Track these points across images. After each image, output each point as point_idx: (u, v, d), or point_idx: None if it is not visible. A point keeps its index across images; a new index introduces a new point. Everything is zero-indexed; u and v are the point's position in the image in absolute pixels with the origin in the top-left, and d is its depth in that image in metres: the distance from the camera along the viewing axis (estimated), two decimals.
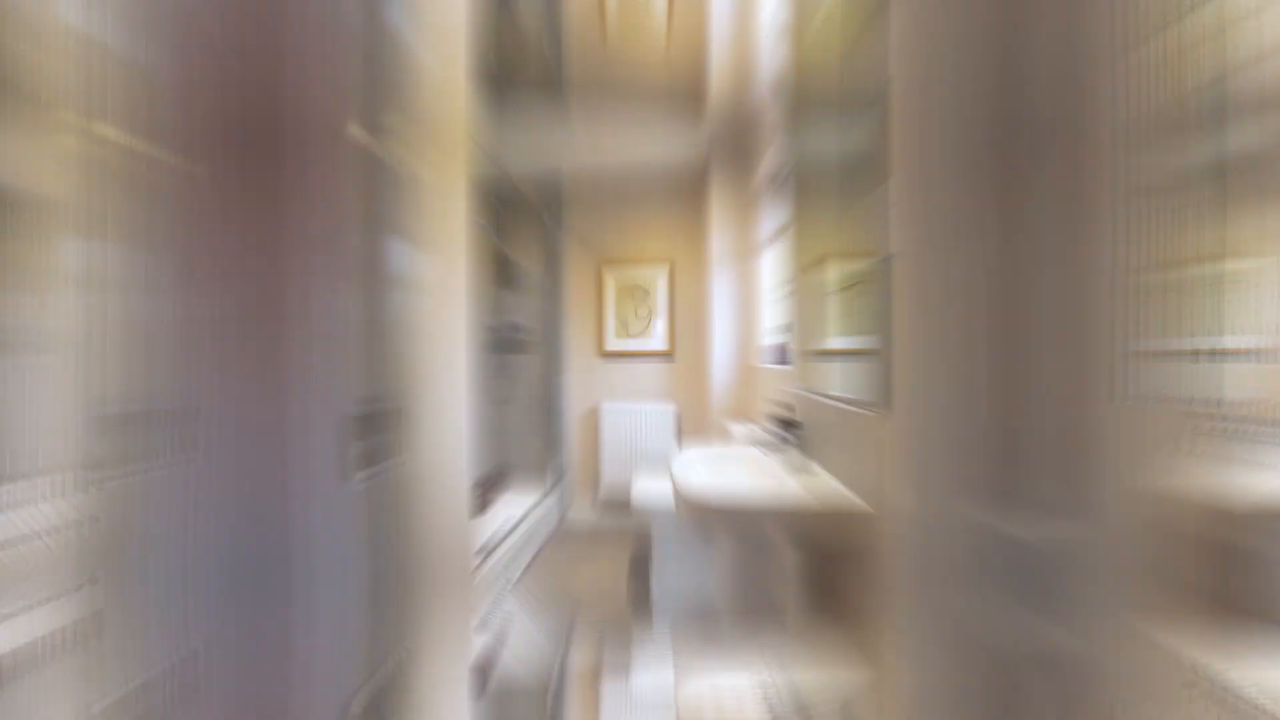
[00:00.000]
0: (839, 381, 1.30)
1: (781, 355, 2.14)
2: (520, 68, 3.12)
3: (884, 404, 0.97)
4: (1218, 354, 0.54)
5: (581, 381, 3.81)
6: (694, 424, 3.56)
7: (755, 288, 2.95)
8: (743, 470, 1.62)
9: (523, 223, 3.69)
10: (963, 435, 0.83)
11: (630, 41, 3.45)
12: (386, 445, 0.91)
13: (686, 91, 3.39)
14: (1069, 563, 0.70)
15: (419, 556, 1.13)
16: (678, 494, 1.33)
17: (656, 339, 3.68)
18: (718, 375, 3.23)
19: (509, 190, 3.48)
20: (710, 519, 1.22)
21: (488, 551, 2.17)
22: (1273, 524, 0.48)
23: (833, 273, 1.38)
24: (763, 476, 1.53)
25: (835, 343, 1.34)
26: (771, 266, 2.71)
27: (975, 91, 0.87)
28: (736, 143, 3.16)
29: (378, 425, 0.90)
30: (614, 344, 3.73)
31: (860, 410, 1.12)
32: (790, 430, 1.49)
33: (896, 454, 0.94)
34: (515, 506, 3.21)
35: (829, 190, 1.40)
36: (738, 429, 2.61)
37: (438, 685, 1.15)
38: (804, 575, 1.52)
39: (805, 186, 1.61)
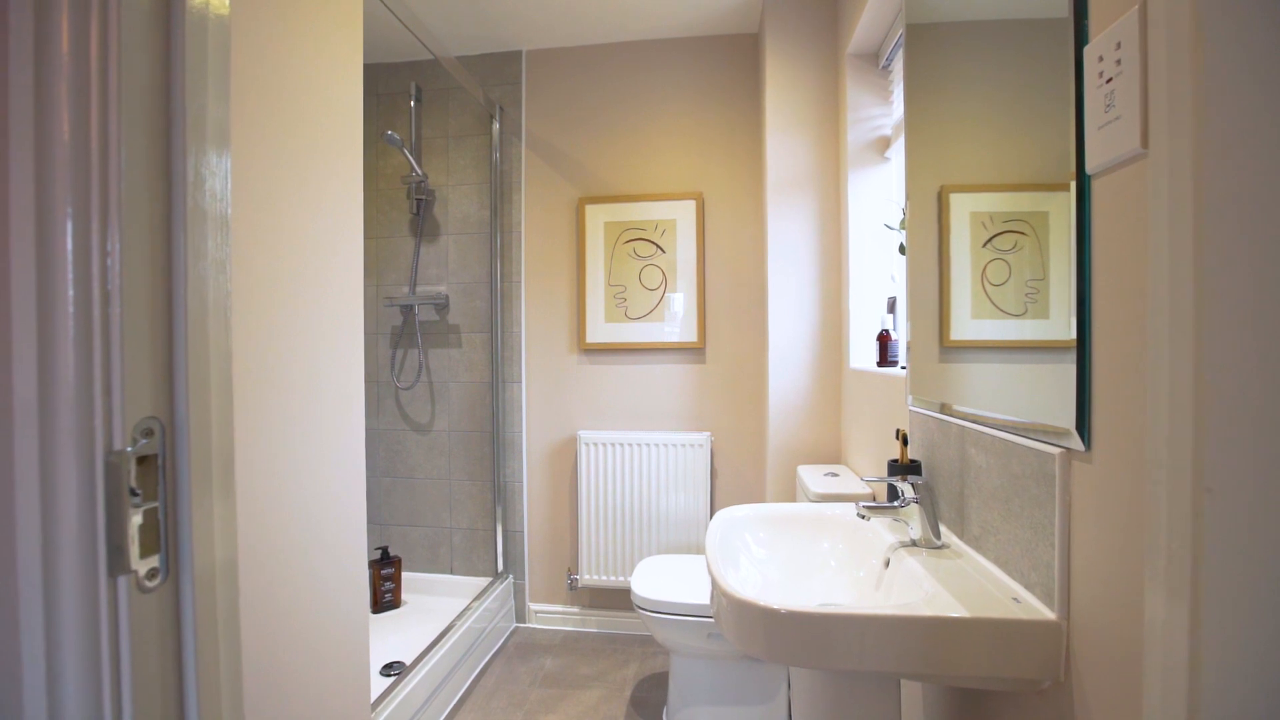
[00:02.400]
0: (991, 395, 0.85)
1: (887, 351, 1.60)
2: None
3: (1080, 433, 0.64)
4: None
5: (548, 394, 2.45)
6: (740, 466, 2.35)
7: (842, 236, 1.94)
8: (824, 547, 1.10)
9: (454, 129, 2.46)
10: (1262, 500, 0.44)
11: None
12: (194, 510, 0.54)
13: None
14: None
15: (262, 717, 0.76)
16: (715, 589, 0.83)
17: (675, 324, 2.34)
18: (780, 384, 2.02)
19: (432, 75, 2.45)
20: (772, 633, 0.73)
21: (388, 690, 1.54)
22: None
23: (979, 207, 0.90)
24: (860, 559, 1.02)
25: (981, 330, 0.89)
26: (871, 199, 1.84)
27: None
28: None
29: (174, 472, 0.53)
30: (602, 332, 2.38)
31: (1035, 444, 0.72)
32: (906, 478, 0.97)
33: (1106, 522, 0.60)
34: (435, 610, 2.27)
35: (975, 65, 0.92)
36: (814, 475, 1.74)
37: None
38: None
39: (931, 62, 1.08)
